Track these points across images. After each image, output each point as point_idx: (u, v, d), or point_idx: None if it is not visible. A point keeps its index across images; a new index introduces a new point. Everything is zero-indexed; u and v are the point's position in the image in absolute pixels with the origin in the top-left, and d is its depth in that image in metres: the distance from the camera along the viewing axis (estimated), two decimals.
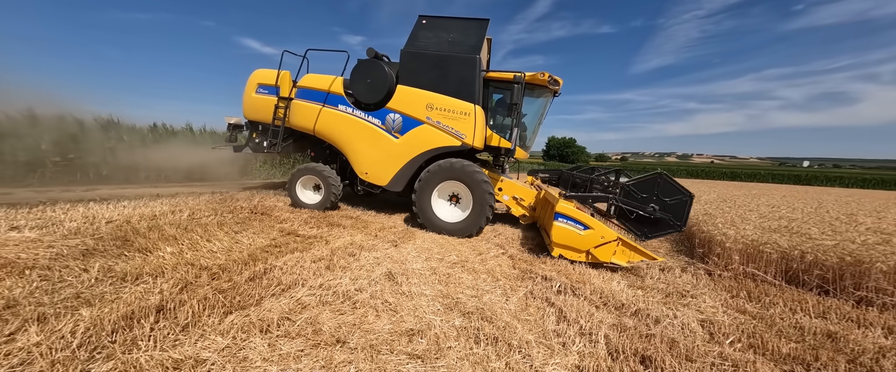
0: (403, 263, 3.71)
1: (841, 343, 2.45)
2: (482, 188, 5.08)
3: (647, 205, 4.22)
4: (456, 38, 5.39)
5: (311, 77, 6.06)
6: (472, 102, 5.23)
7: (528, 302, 3.00)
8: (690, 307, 2.99)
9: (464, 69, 5.23)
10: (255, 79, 6.25)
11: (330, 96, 5.79)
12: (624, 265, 4.00)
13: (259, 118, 6.29)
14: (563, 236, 4.09)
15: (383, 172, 5.66)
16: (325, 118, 5.82)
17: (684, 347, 2.25)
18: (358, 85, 5.55)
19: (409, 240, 4.78)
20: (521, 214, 5.87)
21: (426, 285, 3.18)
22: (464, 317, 2.59)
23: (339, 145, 5.94)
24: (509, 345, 2.21)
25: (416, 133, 5.41)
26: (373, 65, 5.48)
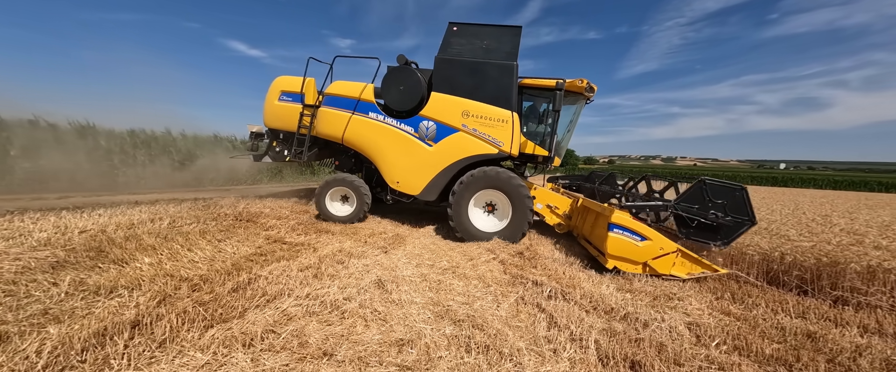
0: (393, 269, 3.65)
1: (820, 343, 2.52)
2: (523, 198, 5.05)
3: (708, 211, 3.94)
4: (490, 44, 5.35)
5: (340, 84, 5.92)
6: (509, 109, 5.20)
7: (520, 308, 2.99)
8: (677, 310, 3.04)
9: (502, 76, 5.19)
10: (278, 86, 6.08)
11: (360, 104, 5.66)
12: (684, 278, 3.81)
13: (281, 126, 6.13)
14: (620, 248, 3.93)
15: (416, 181, 5.54)
16: (355, 126, 5.69)
17: (672, 351, 2.27)
18: (390, 92, 5.47)
19: (399, 246, 4.72)
20: (556, 222, 5.70)
21: (417, 293, 3.13)
22: (455, 325, 2.55)
23: (368, 154, 5.79)
24: (501, 353, 2.19)
25: (452, 141, 5.34)
26: (405, 72, 5.43)
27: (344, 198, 6.00)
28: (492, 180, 5.13)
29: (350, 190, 5.82)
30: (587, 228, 5.04)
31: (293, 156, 6.02)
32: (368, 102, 5.68)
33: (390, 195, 5.89)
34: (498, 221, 5.33)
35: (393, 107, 5.57)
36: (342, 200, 6.01)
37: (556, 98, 5.06)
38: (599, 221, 4.48)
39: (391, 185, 5.70)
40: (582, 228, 5.26)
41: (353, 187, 5.80)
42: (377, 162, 5.76)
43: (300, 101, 5.93)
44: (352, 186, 5.80)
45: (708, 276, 3.78)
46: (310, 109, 5.88)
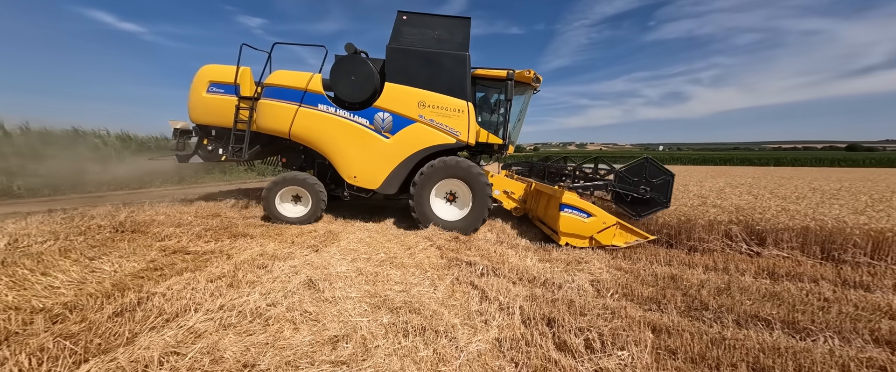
0: (326, 267, 3.46)
1: (678, 282, 3.28)
2: (483, 186, 5.14)
3: (639, 187, 4.56)
4: (442, 35, 5.26)
5: (282, 74, 5.34)
6: (464, 99, 5.19)
7: (455, 288, 3.15)
8: (584, 271, 3.58)
9: (456, 66, 5.16)
10: (206, 76, 5.36)
11: (307, 95, 5.21)
12: (622, 246, 4.27)
13: (213, 122, 5.47)
14: (570, 225, 4.33)
15: (374, 175, 5.32)
16: (304, 120, 5.24)
17: (579, 305, 2.69)
18: (341, 83, 5.13)
19: (332, 243, 4.48)
20: (512, 207, 5.95)
21: (352, 287, 3.03)
22: (392, 313, 2.56)
23: (321, 149, 5.40)
24: (436, 331, 2.29)
25: (409, 132, 5.20)
26: (356, 61, 5.10)
27: (296, 198, 5.51)
28: (452, 170, 5.17)
29: (303, 189, 5.34)
30: (541, 209, 5.39)
31: (231, 155, 5.39)
32: (317, 94, 5.27)
33: (348, 191, 5.56)
34: (459, 210, 5.41)
35: (345, 98, 5.24)
36: (294, 201, 5.52)
37: (508, 88, 5.24)
38: (551, 202, 4.83)
39: (348, 180, 5.41)
40: (536, 210, 5.59)
41: (307, 186, 5.32)
42: (331, 157, 5.41)
43: (235, 93, 5.28)
44: (304, 184, 5.31)
45: (641, 242, 4.34)
46: (247, 102, 5.27)
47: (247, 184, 11.41)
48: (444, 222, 5.23)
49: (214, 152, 5.63)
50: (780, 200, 5.51)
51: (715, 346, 2.17)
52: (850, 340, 2.26)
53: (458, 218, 5.31)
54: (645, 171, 4.61)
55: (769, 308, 2.67)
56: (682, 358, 2.07)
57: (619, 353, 2.08)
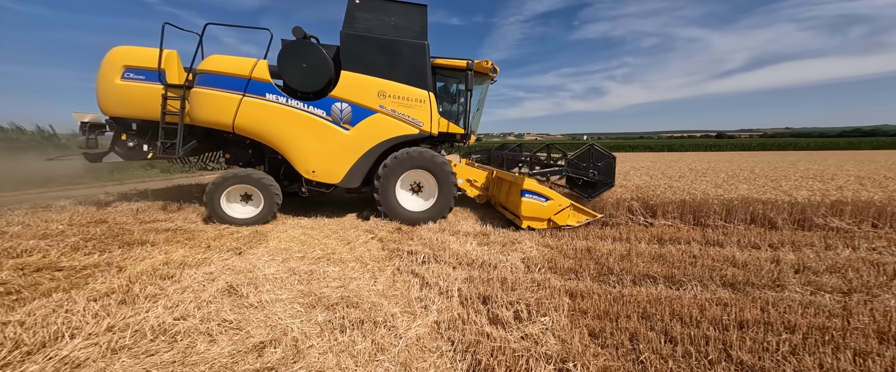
0: (251, 271, 3.14)
1: (592, 253, 3.79)
2: (448, 176, 5.16)
3: (588, 171, 5.04)
4: (398, 22, 5.01)
5: (219, 59, 4.80)
6: (426, 89, 5.09)
7: (396, 278, 3.15)
8: (517, 251, 3.90)
9: (416, 55, 5.03)
10: (119, 60, 4.69)
11: (252, 84, 4.74)
12: (575, 225, 4.66)
13: (132, 114, 4.84)
14: (531, 209, 4.59)
15: (335, 169, 5.07)
16: (250, 111, 4.76)
17: (511, 281, 2.94)
18: (292, 71, 4.77)
19: (259, 243, 4.07)
20: (476, 194, 6.04)
21: (283, 289, 2.82)
22: (328, 310, 2.46)
23: (271, 142, 4.96)
24: (375, 322, 2.28)
25: (371, 123, 5.01)
26: (308, 47, 4.74)
27: (246, 197, 5.03)
28: (417, 161, 5.12)
29: (253, 187, 4.87)
30: (502, 195, 5.59)
31: (161, 151, 4.81)
32: (263, 82, 4.79)
33: (306, 187, 5.19)
34: (424, 201, 5.38)
35: (297, 87, 4.86)
36: (243, 200, 5.03)
37: (468, 78, 5.23)
38: (512, 188, 5.07)
39: (306, 175, 5.05)
40: (498, 196, 5.80)
41: (258, 183, 4.84)
42: (285, 151, 4.99)
43: (159, 81, 4.72)
44: (255, 181, 4.83)
45: (591, 221, 4.79)
46: (177, 91, 4.72)
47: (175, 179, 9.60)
48: (410, 214, 5.17)
49: (137, 149, 4.93)
50: (667, 180, 6.70)
51: (616, 302, 2.58)
52: (707, 285, 2.91)
53: (425, 208, 5.27)
54: (591, 156, 5.20)
55: (656, 267, 3.27)
56: (591, 316, 2.42)
57: (542, 319, 2.34)
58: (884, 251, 3.66)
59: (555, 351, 1.97)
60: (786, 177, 7.34)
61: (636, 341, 2.09)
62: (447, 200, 5.24)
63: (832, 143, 41.17)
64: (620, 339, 2.12)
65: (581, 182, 5.26)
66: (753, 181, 6.64)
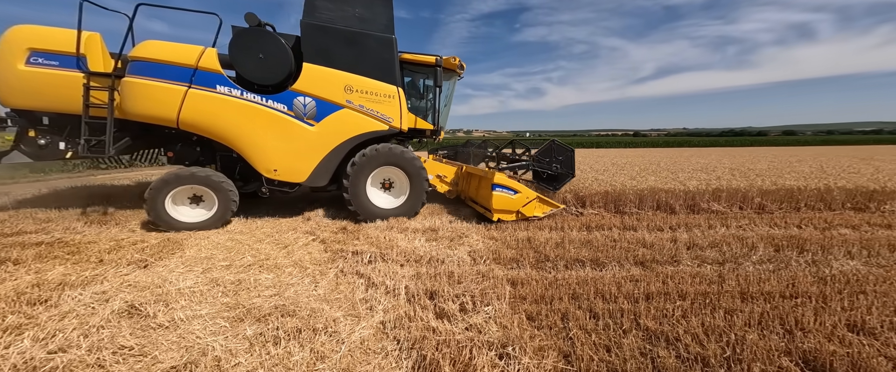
0: (160, 286, 2.70)
1: (532, 242, 4.09)
2: (420, 172, 5.15)
3: (551, 165, 5.42)
4: (363, 13, 4.82)
5: (158, 46, 4.29)
6: (395, 84, 5.01)
7: (339, 280, 3.00)
8: (464, 244, 4.01)
9: (383, 49, 4.92)
10: (22, 41, 4.07)
11: (199, 74, 4.31)
12: (541, 216, 4.92)
13: (42, 106, 4.28)
14: (501, 202, 4.79)
15: (299, 167, 4.80)
16: (199, 104, 4.33)
17: (457, 275, 3.01)
18: (247, 62, 4.45)
19: (171, 253, 3.51)
20: (445, 190, 6.07)
21: (203, 303, 2.48)
22: (259, 322, 2.24)
23: (225, 139, 4.55)
24: (314, 330, 2.14)
25: (337, 119, 4.81)
26: (264, 36, 4.42)
27: (196, 199, 4.60)
28: (388, 157, 5.03)
29: (205, 188, 4.45)
30: (472, 190, 5.70)
31: (86, 149, 4.21)
32: (213, 73, 4.37)
33: (267, 187, 4.87)
34: (395, 198, 5.31)
35: (254, 80, 4.53)
36: (193, 202, 4.60)
37: (437, 74, 5.28)
38: (483, 183, 5.21)
39: (267, 175, 4.72)
40: (468, 191, 5.91)
41: (210, 183, 4.43)
42: (242, 148, 4.61)
43: (79, 67, 4.17)
44: (208, 182, 4.43)
45: (556, 212, 5.14)
46: (103, 80, 4.21)
47: None
48: (382, 211, 5.10)
49: (51, 147, 4.35)
50: (594, 173, 7.54)
51: (550, 286, 2.83)
52: (624, 265, 3.35)
53: (396, 205, 5.22)
54: (553, 151, 5.67)
55: (584, 252, 3.66)
56: (529, 301, 2.61)
57: (486, 308, 2.44)
58: (746, 228, 4.63)
59: (496, 338, 2.08)
60: (682, 170, 8.81)
61: (567, 320, 2.32)
62: (419, 196, 5.23)
63: (714, 141, 50.62)
64: (554, 319, 2.33)
65: (545, 175, 5.73)
66: (659, 174, 7.83)
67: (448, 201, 6.65)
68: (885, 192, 5.83)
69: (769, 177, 7.62)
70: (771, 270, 3.12)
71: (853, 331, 2.14)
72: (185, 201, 4.57)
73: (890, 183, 6.70)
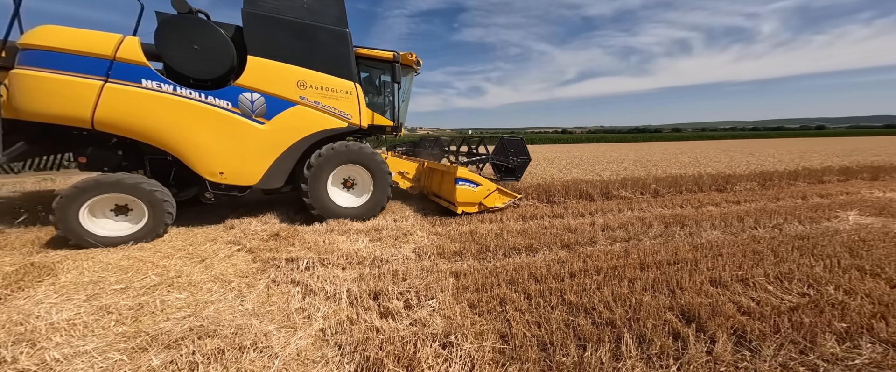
0: (21, 323, 2.15)
1: (474, 235, 4.29)
2: (383, 170, 5.09)
3: (509, 158, 5.92)
4: (312, 5, 4.58)
5: (59, 32, 3.62)
6: (351, 80, 4.88)
7: (271, 291, 2.75)
8: (409, 242, 4.02)
9: (338, 43, 4.75)
10: None
11: (118, 66, 3.75)
12: (501, 206, 5.27)
13: None
14: (465, 195, 5.00)
15: (249, 169, 4.46)
16: (119, 101, 3.78)
17: (402, 272, 3.01)
18: (179, 53, 4.01)
19: (37, 281, 2.81)
20: (408, 186, 6.09)
21: (89, 337, 2.05)
22: (168, 349, 1.93)
23: (158, 140, 4.06)
24: (240, 348, 1.93)
25: (291, 116, 4.53)
26: (199, 25, 4.03)
27: (120, 209, 4.03)
28: (350, 155, 4.90)
29: (132, 196, 3.89)
30: (435, 185, 5.80)
31: None
32: (136, 64, 3.84)
33: (212, 192, 4.43)
34: (357, 197, 5.19)
35: (188, 74, 4.07)
36: (116, 213, 4.02)
37: (396, 70, 5.26)
38: (446, 177, 5.36)
39: (211, 178, 4.30)
40: (430, 186, 6.01)
41: (136, 190, 3.88)
42: (179, 150, 4.13)
43: None
44: (131, 188, 3.86)
45: (515, 202, 5.50)
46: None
47: None
48: (344, 211, 4.95)
49: None
50: (530, 168, 8.17)
51: (490, 274, 3.02)
52: (552, 249, 3.74)
53: (359, 204, 5.10)
54: (505, 146, 6.20)
55: (520, 240, 3.98)
56: (471, 290, 2.74)
57: (430, 302, 2.50)
58: (645, 210, 5.56)
59: (440, 329, 2.15)
60: (598, 162, 10.13)
61: (504, 304, 2.51)
62: (383, 193, 5.18)
63: (623, 137, 59.04)
64: (493, 305, 2.50)
65: (504, 168, 6.17)
66: (581, 167, 8.88)
67: (393, 200, 6.55)
68: (735, 176, 7.55)
69: (661, 167, 9.23)
70: (661, 243, 3.82)
71: (714, 285, 2.75)
72: (107, 213, 3.96)
73: (739, 169, 8.70)
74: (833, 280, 2.76)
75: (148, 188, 3.95)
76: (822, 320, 2.17)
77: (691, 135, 64.76)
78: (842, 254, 3.37)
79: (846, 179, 8.05)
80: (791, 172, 8.05)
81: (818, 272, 2.92)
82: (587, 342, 2.03)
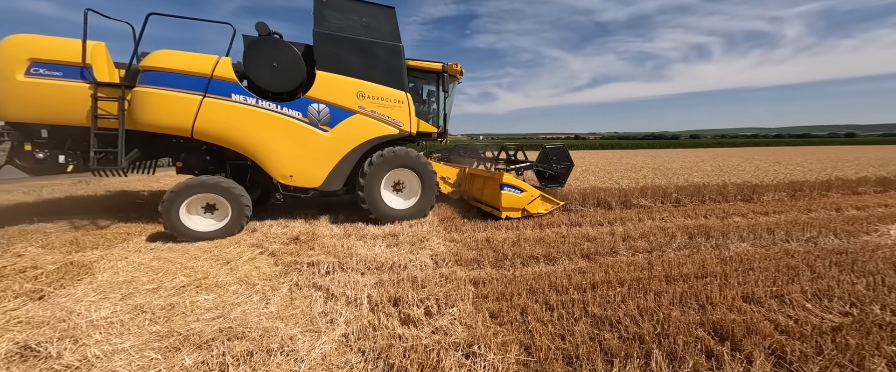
0: (64, 320, 2.26)
1: (491, 242, 4.26)
2: (431, 174, 5.42)
3: (552, 165, 6.15)
4: (369, 22, 5.09)
5: (171, 55, 4.24)
6: (403, 90, 5.23)
7: (294, 295, 2.80)
8: (426, 248, 4.03)
9: (391, 57, 5.15)
10: (21, 51, 3.86)
11: (215, 83, 4.34)
12: (544, 213, 5.35)
13: (42, 118, 4.02)
14: (510, 201, 5.14)
15: (314, 172, 4.93)
16: (214, 114, 4.35)
17: (420, 279, 3.02)
18: (261, 70, 4.53)
19: (76, 279, 2.96)
20: (449, 191, 6.24)
21: (126, 335, 2.14)
22: (200, 349, 1.99)
23: (241, 147, 4.59)
24: (268, 351, 1.97)
25: (351, 124, 4.97)
26: (278, 46, 4.55)
27: (210, 208, 4.54)
28: (401, 160, 5.22)
29: (220, 196, 4.42)
30: (476, 190, 5.95)
31: (97, 163, 4.13)
32: (228, 81, 4.39)
33: (282, 193, 4.92)
34: (405, 200, 5.50)
35: (268, 88, 4.58)
36: (206, 211, 4.53)
37: (444, 80, 5.65)
38: (490, 183, 5.54)
39: (282, 181, 4.79)
40: (471, 191, 6.19)
41: (225, 192, 4.41)
42: (258, 156, 4.66)
43: (84, 78, 4.01)
44: (221, 190, 4.40)
45: (557, 207, 5.58)
46: (113, 90, 4.12)
47: None
48: (395, 212, 5.27)
49: (50, 161, 4.19)
50: None
51: (509, 283, 2.98)
52: (572, 258, 3.67)
53: (408, 206, 5.40)
54: (548, 154, 6.40)
55: (538, 249, 3.92)
56: (491, 299, 2.72)
57: (450, 310, 2.49)
58: (667, 219, 5.39)
59: (462, 338, 2.14)
60: (615, 170, 9.92)
61: (525, 314, 2.47)
62: (430, 197, 5.45)
63: (638, 144, 57.68)
64: (514, 315, 2.46)
65: (547, 175, 6.31)
66: (597, 174, 8.72)
67: None
68: (763, 186, 7.24)
69: (682, 175, 8.95)
70: (687, 255, 3.69)
71: (747, 301, 2.63)
72: (199, 211, 4.48)
73: (766, 179, 8.34)
74: (878, 299, 2.60)
75: (234, 190, 4.46)
76: (869, 342, 2.04)
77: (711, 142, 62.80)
78: (885, 271, 3.17)
79: (884, 191, 7.60)
80: (823, 182, 7.66)
81: (860, 290, 2.75)
82: (614, 357, 1.97)
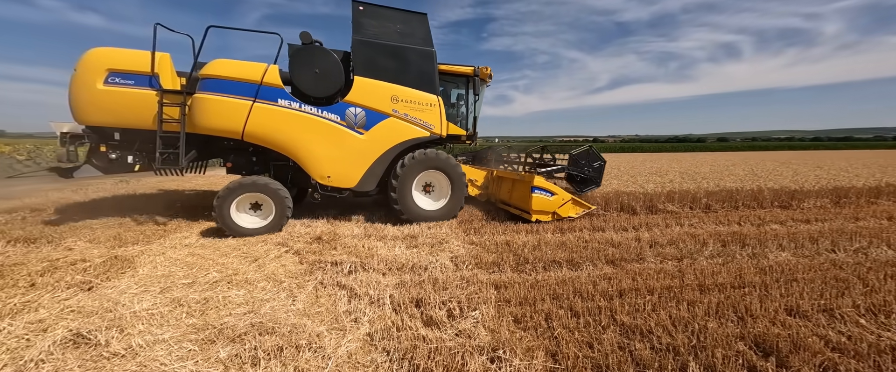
0: (111, 310, 2.41)
1: (511, 246, 4.20)
2: (461, 176, 5.51)
3: (585, 168, 5.98)
4: (403, 29, 5.30)
5: (226, 64, 4.65)
6: (435, 94, 5.36)
7: (319, 293, 2.87)
8: (445, 250, 4.03)
9: (425, 62, 5.32)
10: (101, 63, 4.27)
11: (263, 89, 4.65)
12: (575, 217, 5.29)
13: (115, 122, 4.42)
14: (540, 204, 5.11)
15: (351, 173, 5.15)
16: (262, 117, 4.66)
17: (441, 281, 3.02)
18: (304, 76, 4.82)
19: (121, 272, 3.15)
20: (476, 193, 6.35)
21: (165, 326, 2.26)
22: (233, 343, 2.07)
23: (284, 148, 4.89)
24: (297, 347, 2.03)
25: (385, 127, 5.15)
26: (320, 53, 4.84)
27: (255, 206, 4.82)
28: (432, 162, 5.34)
29: (264, 195, 4.71)
30: (504, 193, 5.96)
31: (160, 163, 4.55)
32: (275, 87, 4.70)
33: (320, 193, 5.19)
34: (435, 201, 5.62)
35: (310, 93, 4.87)
36: (252, 209, 4.82)
37: (476, 83, 5.75)
38: (519, 185, 5.54)
39: (321, 181, 5.05)
40: (499, 194, 6.18)
41: (269, 191, 4.70)
42: (299, 157, 4.94)
43: (152, 86, 4.42)
44: (266, 189, 4.69)
45: (590, 211, 5.48)
46: (175, 97, 4.49)
47: None
48: (426, 213, 5.40)
49: (121, 161, 4.59)
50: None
51: (532, 288, 2.93)
52: (596, 264, 3.56)
53: (438, 207, 5.52)
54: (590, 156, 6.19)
55: (560, 254, 3.83)
56: (514, 303, 2.68)
57: (473, 313, 2.47)
58: (697, 225, 5.14)
59: (486, 342, 2.11)
60: (639, 174, 9.58)
61: (550, 320, 2.42)
62: (459, 198, 5.54)
63: (662, 146, 55.57)
64: (538, 320, 2.41)
65: (578, 178, 6.18)
66: (620, 178, 8.45)
67: None
68: (803, 191, 6.78)
69: (711, 179, 8.52)
70: (721, 263, 3.50)
71: (791, 315, 2.46)
72: (245, 209, 4.76)
73: (806, 184, 7.81)
74: None
75: (280, 192, 4.73)
76: None
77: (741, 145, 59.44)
78: None
79: None
80: (871, 189, 7.08)
81: None
82: (647, 368, 1.89)
